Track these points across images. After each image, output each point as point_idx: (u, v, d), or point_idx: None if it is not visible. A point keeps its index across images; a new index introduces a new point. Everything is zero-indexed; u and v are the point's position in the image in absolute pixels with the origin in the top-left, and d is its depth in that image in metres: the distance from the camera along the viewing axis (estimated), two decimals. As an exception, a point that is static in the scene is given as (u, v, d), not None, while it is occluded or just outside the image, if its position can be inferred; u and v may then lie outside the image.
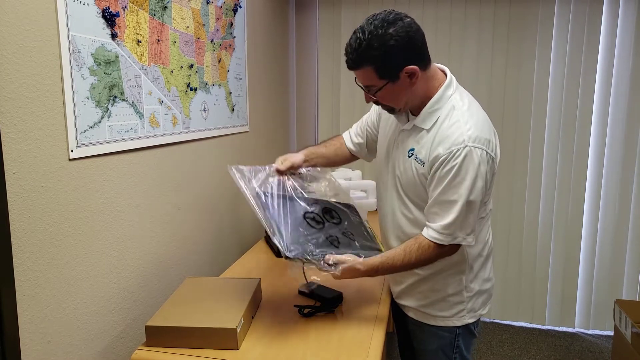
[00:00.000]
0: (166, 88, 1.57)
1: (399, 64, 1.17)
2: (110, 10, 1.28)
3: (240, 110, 2.20)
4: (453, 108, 1.23)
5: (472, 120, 1.20)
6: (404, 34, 1.14)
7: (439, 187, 1.20)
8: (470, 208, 1.19)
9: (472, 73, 2.85)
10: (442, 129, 1.21)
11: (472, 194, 1.18)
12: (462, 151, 1.16)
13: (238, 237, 2.25)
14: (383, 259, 1.26)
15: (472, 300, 1.37)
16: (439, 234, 1.21)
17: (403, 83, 1.20)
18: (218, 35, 1.94)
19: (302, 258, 1.18)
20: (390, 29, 1.13)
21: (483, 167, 1.17)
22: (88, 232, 1.25)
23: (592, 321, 2.96)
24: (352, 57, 1.19)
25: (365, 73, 1.20)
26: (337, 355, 1.20)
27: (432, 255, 1.24)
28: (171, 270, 1.66)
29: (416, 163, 1.26)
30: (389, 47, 1.14)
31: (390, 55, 1.15)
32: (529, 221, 2.95)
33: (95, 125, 1.24)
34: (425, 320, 1.41)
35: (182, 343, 1.21)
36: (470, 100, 1.28)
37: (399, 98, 1.24)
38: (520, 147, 2.88)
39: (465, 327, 1.39)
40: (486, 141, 1.19)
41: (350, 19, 2.97)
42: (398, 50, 1.15)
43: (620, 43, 2.66)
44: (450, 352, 1.41)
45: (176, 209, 1.67)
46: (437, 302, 1.37)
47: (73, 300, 1.21)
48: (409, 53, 1.17)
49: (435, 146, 1.21)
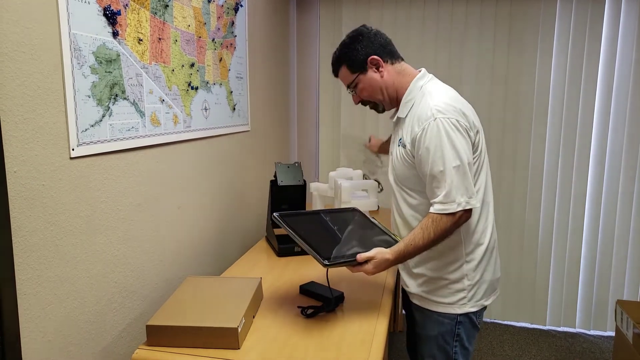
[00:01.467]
0: (167, 87, 1.56)
1: (360, 55, 1.43)
2: (111, 9, 1.27)
3: (241, 109, 2.20)
4: (423, 94, 1.38)
5: (437, 97, 1.34)
6: (357, 34, 1.45)
7: (427, 163, 1.30)
8: (460, 172, 1.27)
9: (473, 73, 2.85)
10: (415, 111, 1.37)
11: (455, 159, 1.27)
12: (432, 124, 1.28)
13: (239, 237, 2.24)
14: (406, 242, 1.31)
15: (473, 288, 1.41)
16: (443, 204, 1.28)
17: (372, 74, 1.44)
18: (219, 34, 1.93)
19: (337, 263, 1.26)
20: (349, 35, 1.47)
21: (453, 133, 1.28)
22: (89, 231, 1.24)
23: (593, 321, 2.96)
24: (332, 67, 1.52)
25: (342, 73, 1.49)
26: (339, 354, 1.19)
27: (448, 225, 1.29)
28: (172, 270, 1.66)
29: (402, 149, 1.40)
30: (348, 44, 1.45)
31: (351, 49, 1.44)
32: (530, 221, 2.94)
33: (96, 123, 1.24)
34: (427, 306, 1.46)
35: (183, 342, 1.21)
36: (441, 85, 1.43)
37: (374, 90, 1.45)
38: (522, 146, 2.87)
39: (467, 316, 1.42)
40: (450, 108, 1.31)
41: (351, 17, 2.96)
42: (357, 45, 1.43)
43: (622, 41, 2.66)
44: (450, 340, 1.44)
45: (177, 208, 1.67)
46: (438, 289, 1.42)
47: (74, 299, 1.20)
48: (368, 47, 1.42)
49: (412, 127, 1.35)
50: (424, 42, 2.89)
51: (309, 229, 1.35)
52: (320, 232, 1.37)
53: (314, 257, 1.25)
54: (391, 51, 1.45)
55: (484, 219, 1.42)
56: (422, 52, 2.89)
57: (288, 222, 1.32)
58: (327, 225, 1.43)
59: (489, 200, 1.44)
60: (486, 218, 1.43)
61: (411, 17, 2.88)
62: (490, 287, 1.45)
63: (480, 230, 1.41)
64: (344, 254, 1.29)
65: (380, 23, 2.93)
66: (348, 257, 1.28)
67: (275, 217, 1.33)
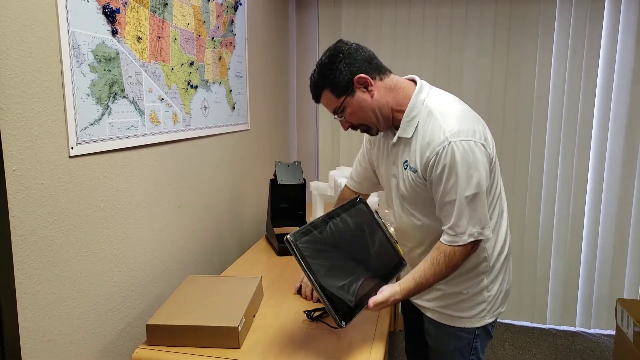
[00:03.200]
0: (167, 85, 1.56)
1: (345, 76, 1.23)
2: (110, 7, 1.27)
3: (241, 108, 2.19)
4: (430, 111, 1.24)
5: (448, 117, 1.21)
6: (336, 52, 1.25)
7: (438, 190, 1.21)
8: (474, 201, 1.18)
9: (472, 73, 2.84)
10: (424, 133, 1.23)
11: (470, 188, 1.17)
12: (447, 149, 1.16)
13: (239, 236, 2.24)
14: (416, 280, 1.24)
15: (493, 299, 1.35)
16: (454, 236, 1.21)
17: (361, 95, 1.25)
18: (219, 32, 1.93)
19: (353, 318, 1.19)
20: (326, 55, 1.26)
21: (472, 157, 1.16)
22: (88, 230, 1.24)
23: (593, 320, 2.96)
24: (312, 92, 1.31)
25: (326, 99, 1.29)
26: (339, 353, 1.19)
27: (459, 258, 1.23)
28: (172, 269, 1.66)
29: (411, 173, 1.27)
30: (328, 65, 1.25)
31: (332, 70, 1.24)
32: (530, 220, 2.94)
33: (95, 122, 1.23)
34: (445, 321, 1.38)
35: (183, 342, 1.20)
36: (445, 98, 1.28)
37: (365, 112, 1.27)
38: (522, 146, 2.87)
39: (484, 328, 1.37)
40: (469, 131, 1.18)
41: (351, 16, 2.96)
42: (339, 65, 1.23)
43: (622, 42, 2.65)
44: (467, 353, 1.38)
45: (177, 207, 1.66)
46: (457, 303, 1.35)
47: (73, 299, 1.20)
48: (352, 65, 1.23)
49: (423, 152, 1.22)
50: (424, 41, 2.88)
51: (324, 266, 1.21)
52: (336, 265, 1.24)
53: (330, 315, 1.17)
54: (378, 65, 1.27)
55: (504, 228, 1.37)
56: (422, 51, 2.89)
57: (306, 258, 1.17)
58: (340, 240, 1.30)
59: (504, 207, 1.37)
60: (506, 227, 1.38)
61: (411, 16, 2.88)
62: (506, 294, 1.40)
63: (502, 238, 1.35)
64: (359, 300, 1.22)
65: (379, 22, 2.92)
66: (361, 307, 1.21)
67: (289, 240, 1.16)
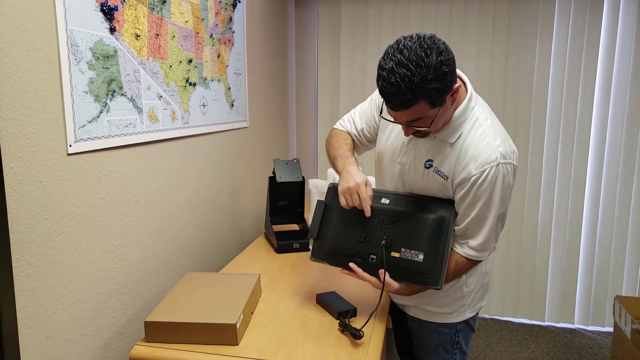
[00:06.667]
0: (165, 83, 1.56)
1: (450, 85, 1.08)
2: (108, 4, 1.27)
3: (240, 105, 2.19)
4: (477, 121, 1.20)
5: (499, 136, 1.19)
6: (446, 57, 1.04)
7: (475, 207, 1.20)
8: (500, 219, 1.23)
9: (471, 70, 2.84)
10: (469, 144, 1.18)
11: (502, 207, 1.21)
12: (495, 169, 1.16)
13: (238, 233, 2.24)
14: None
15: (472, 294, 1.37)
16: (478, 252, 1.25)
17: (448, 104, 1.13)
18: (217, 30, 1.92)
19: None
20: (434, 55, 1.02)
21: (512, 180, 1.20)
22: (87, 228, 1.24)
23: (591, 317, 2.97)
24: (405, 99, 1.03)
25: (417, 108, 1.07)
26: (337, 351, 1.19)
27: (469, 268, 1.28)
28: (170, 266, 1.66)
29: (437, 176, 1.24)
30: (442, 75, 1.03)
31: (445, 82, 1.05)
32: (528, 217, 2.95)
33: (93, 120, 1.23)
34: (426, 318, 1.40)
35: (182, 339, 1.21)
36: (489, 111, 1.26)
37: (441, 120, 1.16)
38: (521, 143, 2.87)
39: (465, 322, 1.39)
40: (513, 153, 1.20)
41: (350, 13, 2.95)
42: (450, 75, 1.06)
43: (621, 40, 2.65)
44: (450, 348, 1.41)
45: (175, 204, 1.67)
46: (437, 299, 1.37)
47: (72, 296, 1.20)
48: (454, 73, 1.09)
49: (465, 163, 1.18)
50: (423, 38, 2.87)
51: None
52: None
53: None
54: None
55: None
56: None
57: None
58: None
59: None
60: None
61: (410, 14, 2.87)
62: (485, 289, 1.42)
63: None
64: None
65: (378, 20, 2.92)
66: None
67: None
